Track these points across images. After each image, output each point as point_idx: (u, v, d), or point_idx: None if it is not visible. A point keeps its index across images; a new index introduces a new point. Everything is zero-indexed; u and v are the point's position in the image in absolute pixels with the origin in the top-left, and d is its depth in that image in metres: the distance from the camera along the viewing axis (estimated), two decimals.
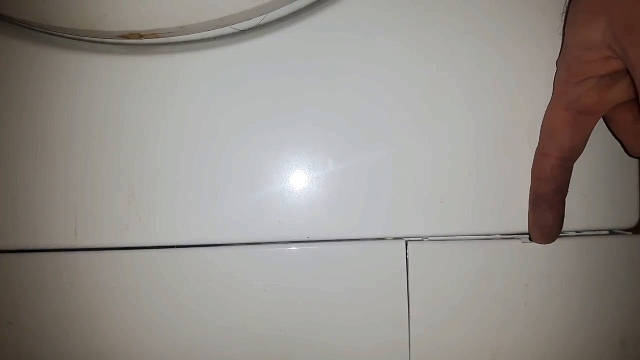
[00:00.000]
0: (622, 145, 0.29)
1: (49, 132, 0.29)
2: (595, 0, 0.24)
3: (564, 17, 0.28)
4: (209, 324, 0.29)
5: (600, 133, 0.29)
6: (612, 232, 0.30)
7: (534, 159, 0.28)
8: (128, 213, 0.29)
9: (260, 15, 0.28)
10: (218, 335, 0.29)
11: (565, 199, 0.28)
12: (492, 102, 0.29)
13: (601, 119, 0.28)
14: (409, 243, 0.29)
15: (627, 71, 0.24)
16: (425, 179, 0.29)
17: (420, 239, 0.29)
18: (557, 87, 0.27)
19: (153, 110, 0.29)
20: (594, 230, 0.30)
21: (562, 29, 0.28)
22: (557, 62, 0.28)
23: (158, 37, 0.28)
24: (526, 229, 0.29)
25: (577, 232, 0.30)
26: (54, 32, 0.28)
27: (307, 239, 0.29)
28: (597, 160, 0.29)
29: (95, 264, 0.29)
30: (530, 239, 0.29)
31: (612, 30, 0.23)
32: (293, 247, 0.29)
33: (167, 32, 0.27)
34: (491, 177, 0.29)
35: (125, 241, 0.29)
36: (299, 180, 0.29)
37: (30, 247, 0.29)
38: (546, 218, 0.28)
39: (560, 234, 0.28)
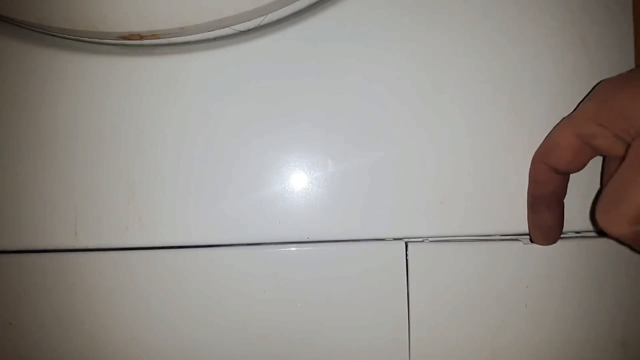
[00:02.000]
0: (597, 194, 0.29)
1: (50, 132, 0.29)
2: None
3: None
4: (209, 325, 0.29)
5: None
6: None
7: (532, 161, 0.28)
8: (128, 214, 0.29)
9: (260, 16, 0.28)
10: (218, 335, 0.29)
11: (564, 200, 0.28)
12: (492, 102, 0.29)
13: None
14: (409, 244, 0.29)
15: None
16: (426, 180, 0.29)
17: (420, 239, 0.29)
18: (579, 113, 0.26)
19: (153, 111, 0.29)
20: (595, 231, 0.30)
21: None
22: (597, 86, 0.26)
23: (158, 38, 0.28)
24: (526, 230, 0.29)
25: (577, 232, 0.29)
26: (54, 33, 0.28)
27: (307, 240, 0.29)
28: (597, 160, 0.29)
29: (95, 264, 0.29)
30: (531, 241, 0.29)
31: None
32: (293, 248, 0.29)
33: (167, 33, 0.27)
34: (491, 178, 0.29)
35: (125, 242, 0.29)
36: (299, 180, 0.29)
37: (31, 248, 0.29)
38: (545, 219, 0.28)
39: (561, 235, 0.28)
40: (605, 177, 0.28)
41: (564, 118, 0.27)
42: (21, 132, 0.29)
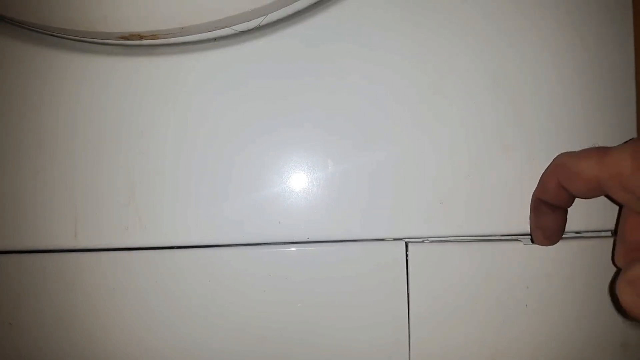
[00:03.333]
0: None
1: (50, 133, 0.29)
2: None
3: None
4: (209, 325, 0.29)
5: (600, 135, 0.29)
6: (613, 233, 0.30)
7: (548, 170, 0.27)
8: (128, 214, 0.29)
9: (260, 16, 0.28)
10: (218, 336, 0.29)
11: None
12: (492, 102, 0.29)
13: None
14: (409, 244, 0.29)
15: None
16: (425, 180, 0.29)
17: (420, 240, 0.29)
18: (614, 163, 0.23)
19: (153, 112, 0.29)
20: (595, 232, 0.29)
21: None
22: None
23: (158, 38, 0.28)
24: (526, 230, 0.29)
25: (577, 233, 0.29)
26: (54, 33, 0.28)
27: (307, 240, 0.29)
28: None
29: (95, 264, 0.29)
30: (532, 241, 0.29)
31: None
32: (293, 248, 0.29)
33: (167, 33, 0.27)
34: (491, 178, 0.29)
35: (125, 242, 0.29)
36: (299, 181, 0.29)
37: (31, 248, 0.29)
38: (548, 220, 0.27)
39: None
40: (620, 225, 0.26)
41: (597, 148, 0.25)
42: (21, 132, 0.29)
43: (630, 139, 0.25)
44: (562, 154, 0.27)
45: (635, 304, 0.22)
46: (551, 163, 0.27)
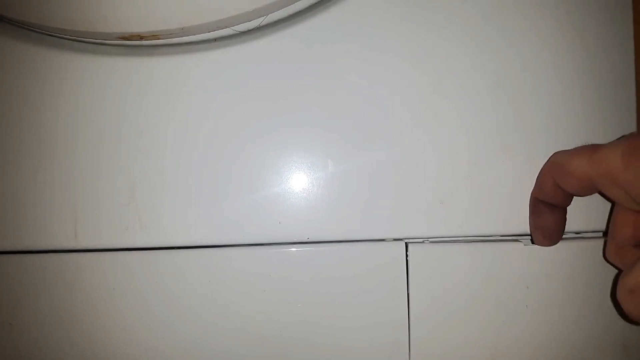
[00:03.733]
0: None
1: (50, 133, 0.29)
2: None
3: None
4: (209, 325, 0.29)
5: (600, 135, 0.29)
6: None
7: (543, 169, 0.27)
8: (128, 214, 0.29)
9: (260, 17, 0.28)
10: (218, 336, 0.29)
11: None
12: (492, 102, 0.29)
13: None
14: (409, 244, 0.29)
15: None
16: (426, 180, 0.29)
17: (420, 240, 0.29)
18: (605, 160, 0.23)
19: (153, 112, 0.29)
20: (595, 232, 0.29)
21: None
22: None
23: (158, 39, 0.28)
24: (526, 230, 0.29)
25: (577, 233, 0.29)
26: (54, 34, 0.28)
27: (307, 240, 0.29)
28: None
29: (95, 265, 0.29)
30: (532, 242, 0.29)
31: None
32: (293, 248, 0.29)
33: (167, 34, 0.27)
34: (491, 178, 0.29)
35: (126, 242, 0.29)
36: (299, 181, 0.29)
37: (31, 248, 0.29)
38: (547, 220, 0.27)
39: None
40: (611, 221, 0.26)
41: (589, 146, 0.25)
42: (21, 132, 0.29)
43: (621, 136, 0.26)
44: (556, 152, 0.27)
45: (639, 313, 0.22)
46: (546, 162, 0.27)
